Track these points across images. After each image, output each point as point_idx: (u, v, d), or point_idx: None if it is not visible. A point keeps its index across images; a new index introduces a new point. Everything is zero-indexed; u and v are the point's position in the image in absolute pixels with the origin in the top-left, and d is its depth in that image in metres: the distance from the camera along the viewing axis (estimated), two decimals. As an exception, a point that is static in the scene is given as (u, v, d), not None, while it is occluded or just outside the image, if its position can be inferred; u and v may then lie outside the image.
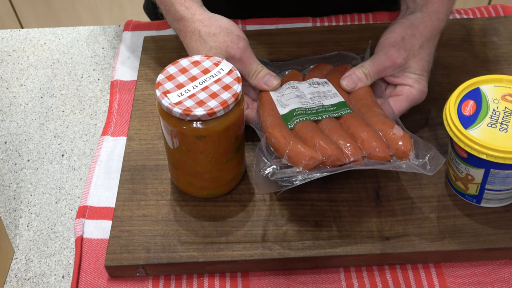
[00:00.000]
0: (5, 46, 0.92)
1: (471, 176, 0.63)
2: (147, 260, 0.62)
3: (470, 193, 0.65)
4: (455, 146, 0.62)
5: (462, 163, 0.63)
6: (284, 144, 0.60)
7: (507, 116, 0.61)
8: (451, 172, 0.66)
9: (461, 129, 0.60)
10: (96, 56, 0.89)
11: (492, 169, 0.61)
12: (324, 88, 0.69)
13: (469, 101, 0.63)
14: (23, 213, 0.71)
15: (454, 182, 0.66)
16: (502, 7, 0.90)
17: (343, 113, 0.65)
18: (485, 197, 0.64)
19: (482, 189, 0.63)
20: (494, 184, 0.62)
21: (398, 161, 0.60)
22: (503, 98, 0.63)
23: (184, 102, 0.58)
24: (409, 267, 0.63)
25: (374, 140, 0.60)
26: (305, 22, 0.90)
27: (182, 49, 0.73)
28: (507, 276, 0.62)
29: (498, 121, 0.61)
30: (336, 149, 0.59)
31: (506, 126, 0.60)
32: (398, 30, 0.72)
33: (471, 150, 0.60)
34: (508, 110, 0.62)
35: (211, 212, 0.66)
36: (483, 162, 0.60)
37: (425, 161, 0.60)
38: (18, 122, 0.81)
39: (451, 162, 0.65)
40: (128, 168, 0.70)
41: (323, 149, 0.58)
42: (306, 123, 0.63)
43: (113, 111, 0.78)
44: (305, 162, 0.58)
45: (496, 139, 0.59)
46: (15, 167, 0.76)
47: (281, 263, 0.63)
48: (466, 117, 0.61)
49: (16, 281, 0.65)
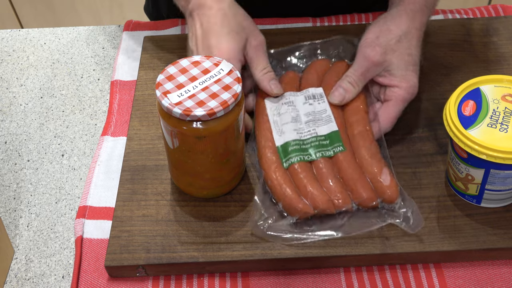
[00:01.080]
0: (5, 46, 0.92)
1: (471, 176, 0.63)
2: (147, 260, 0.62)
3: (470, 193, 0.65)
4: (455, 146, 0.62)
5: (462, 163, 0.63)
6: (280, 192, 0.64)
7: (507, 116, 0.61)
8: (451, 172, 0.66)
9: (461, 129, 0.60)
10: (96, 56, 0.89)
11: (492, 169, 0.61)
12: (320, 106, 0.70)
13: (469, 101, 0.63)
14: (23, 213, 0.71)
15: (454, 182, 0.66)
16: (502, 7, 0.90)
17: (335, 150, 0.66)
18: (485, 197, 0.64)
19: (482, 189, 0.63)
20: (494, 184, 0.62)
21: (384, 216, 0.63)
22: (503, 98, 0.63)
23: (184, 103, 0.58)
24: (409, 267, 0.63)
25: (364, 191, 0.64)
26: (305, 22, 0.90)
27: (182, 49, 0.73)
28: (507, 276, 0.62)
29: (498, 121, 0.61)
30: (327, 202, 0.63)
31: (506, 126, 0.60)
32: (373, 29, 0.72)
33: (471, 150, 0.60)
34: (508, 110, 0.62)
35: (211, 212, 0.66)
36: (483, 163, 0.60)
37: (407, 215, 0.63)
38: (18, 122, 0.81)
39: (451, 162, 0.65)
40: (128, 168, 0.70)
41: (315, 201, 0.63)
42: (301, 166, 0.65)
43: (113, 111, 0.78)
44: (298, 215, 0.63)
45: (496, 139, 0.59)
46: (15, 167, 0.76)
47: (281, 263, 0.63)
48: (466, 117, 0.61)
49: (16, 281, 0.65)
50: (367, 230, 0.63)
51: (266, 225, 0.63)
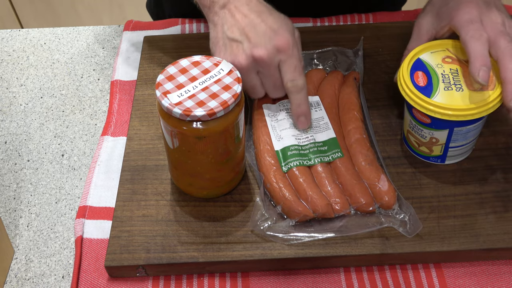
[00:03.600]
0: (5, 46, 0.92)
1: (436, 138, 0.66)
2: (147, 260, 0.62)
3: (434, 154, 0.68)
4: (416, 114, 0.65)
5: (426, 128, 0.65)
6: (279, 195, 0.64)
7: (455, 76, 0.65)
8: (412, 140, 0.68)
9: (425, 98, 0.63)
10: (96, 56, 0.89)
11: (456, 127, 0.64)
12: (317, 113, 0.71)
13: (418, 72, 0.66)
14: (23, 213, 0.71)
15: (417, 148, 0.69)
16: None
17: (334, 156, 0.67)
18: (449, 155, 0.68)
19: (446, 148, 0.67)
20: (457, 141, 0.66)
21: (381, 220, 0.64)
22: (444, 61, 0.66)
23: (184, 103, 0.58)
24: (409, 267, 0.63)
25: (361, 196, 0.64)
26: (305, 22, 0.90)
27: (182, 49, 0.73)
28: (507, 276, 0.62)
29: (451, 83, 0.64)
30: (327, 206, 0.63)
31: (460, 85, 0.64)
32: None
33: (435, 114, 0.62)
34: (454, 70, 0.65)
35: (211, 212, 0.66)
36: (447, 123, 0.63)
37: (404, 220, 0.63)
38: (18, 122, 0.81)
39: (411, 131, 0.68)
40: (128, 168, 0.70)
41: (315, 205, 0.63)
42: (300, 170, 0.66)
43: (113, 111, 0.78)
44: (298, 218, 0.63)
45: (457, 99, 0.62)
46: (15, 167, 0.76)
47: (281, 263, 0.63)
48: (423, 88, 0.64)
49: (16, 281, 0.65)
50: (365, 231, 0.63)
51: (266, 226, 0.63)
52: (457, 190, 0.67)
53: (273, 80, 0.67)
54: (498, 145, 0.71)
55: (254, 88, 0.69)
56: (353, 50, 0.80)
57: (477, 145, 0.71)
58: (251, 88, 0.69)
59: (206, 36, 0.71)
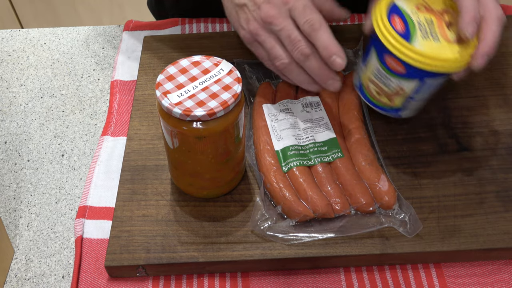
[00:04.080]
0: (5, 46, 0.92)
1: (402, 89, 0.63)
2: (147, 260, 0.62)
3: (394, 105, 0.65)
4: (389, 62, 0.61)
5: (394, 77, 0.62)
6: (279, 195, 0.64)
7: (431, 26, 0.61)
8: (372, 89, 0.65)
9: (405, 43, 0.59)
10: (96, 56, 0.89)
11: (428, 78, 0.61)
12: (317, 114, 0.71)
13: (394, 16, 0.62)
14: (23, 213, 0.71)
15: (375, 98, 0.66)
16: (502, 7, 0.90)
17: (334, 157, 0.67)
18: (408, 108, 0.66)
19: (407, 101, 0.64)
20: (420, 93, 0.63)
21: (382, 220, 0.64)
22: (418, 9, 0.63)
23: (184, 103, 0.58)
24: (409, 267, 0.63)
25: (362, 196, 0.64)
26: (305, 22, 0.90)
27: (182, 49, 0.73)
28: (507, 276, 0.62)
29: (428, 32, 0.61)
30: (327, 206, 0.63)
31: (436, 35, 0.61)
32: None
33: (415, 62, 0.59)
34: (429, 20, 0.62)
35: (211, 212, 0.66)
36: (421, 73, 0.60)
37: (405, 220, 0.63)
38: (18, 122, 0.81)
39: (375, 79, 0.64)
40: (128, 168, 0.70)
41: (315, 205, 0.63)
42: (300, 170, 0.66)
43: (113, 111, 0.78)
44: (298, 218, 0.63)
45: (435, 49, 0.59)
46: (15, 167, 0.76)
47: (281, 263, 0.63)
48: (402, 34, 0.60)
49: (16, 281, 0.65)
50: (365, 231, 0.63)
51: (266, 226, 0.63)
52: (457, 190, 0.67)
53: (287, 32, 0.65)
54: (498, 145, 0.71)
55: (273, 48, 0.66)
56: (353, 50, 0.80)
57: (477, 145, 0.71)
58: (270, 50, 0.67)
59: (206, 36, 0.71)
